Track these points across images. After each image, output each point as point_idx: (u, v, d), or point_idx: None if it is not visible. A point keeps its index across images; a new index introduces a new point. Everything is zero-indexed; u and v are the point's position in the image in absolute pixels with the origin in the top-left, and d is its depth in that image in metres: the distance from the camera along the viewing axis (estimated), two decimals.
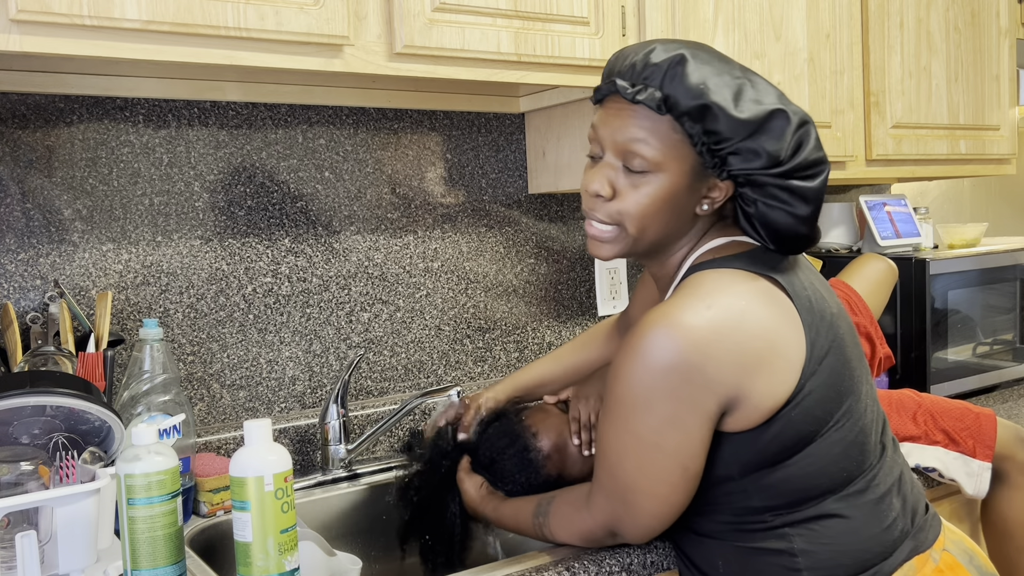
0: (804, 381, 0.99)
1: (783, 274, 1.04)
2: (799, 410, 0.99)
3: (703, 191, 1.05)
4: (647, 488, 1.01)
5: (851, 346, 1.07)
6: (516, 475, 1.28)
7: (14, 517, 1.04)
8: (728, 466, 1.02)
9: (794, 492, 1.02)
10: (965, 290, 2.07)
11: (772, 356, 0.97)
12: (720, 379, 0.96)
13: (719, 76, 1.00)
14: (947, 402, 1.58)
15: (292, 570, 0.98)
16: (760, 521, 1.04)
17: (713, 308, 0.96)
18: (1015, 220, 3.09)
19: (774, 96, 1.02)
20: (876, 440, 1.08)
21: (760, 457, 1.01)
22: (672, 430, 0.97)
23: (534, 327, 1.92)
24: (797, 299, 1.01)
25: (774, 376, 0.97)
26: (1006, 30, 2.21)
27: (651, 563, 1.18)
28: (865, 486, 1.05)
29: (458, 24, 1.36)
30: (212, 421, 1.56)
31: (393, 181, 1.73)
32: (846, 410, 1.03)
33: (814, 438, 1.01)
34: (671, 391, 0.96)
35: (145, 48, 1.13)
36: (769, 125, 0.99)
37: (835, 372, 1.02)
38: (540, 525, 1.17)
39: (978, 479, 1.51)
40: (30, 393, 1.07)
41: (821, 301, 1.05)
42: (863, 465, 1.05)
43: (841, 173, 1.93)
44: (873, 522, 1.04)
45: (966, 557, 1.10)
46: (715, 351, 0.95)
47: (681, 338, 0.95)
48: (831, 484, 1.03)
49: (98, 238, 1.46)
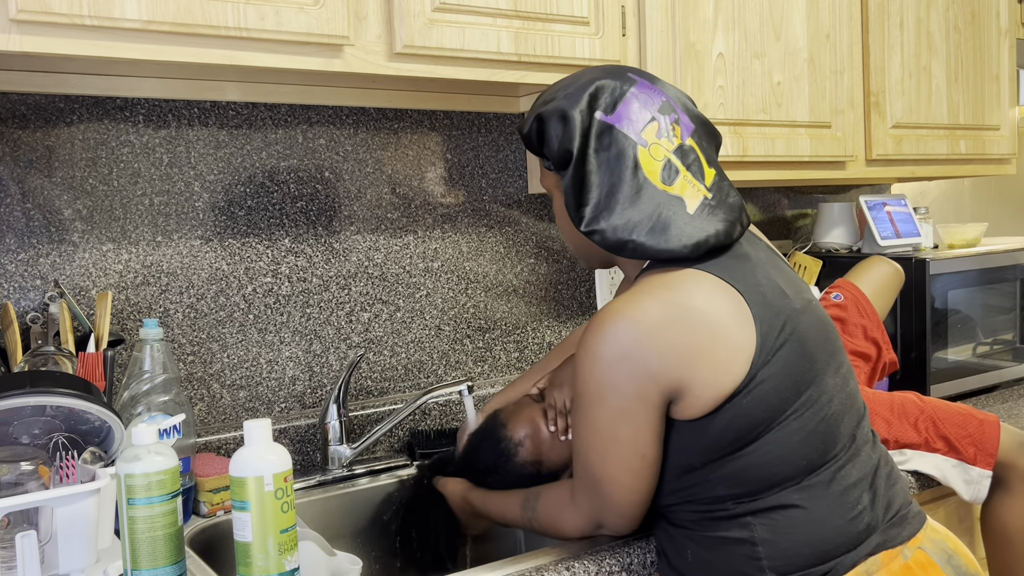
0: (755, 371, 1.02)
1: (734, 273, 1.08)
2: (751, 398, 1.02)
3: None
4: (614, 478, 1.07)
5: (816, 339, 1.10)
6: (494, 464, 1.34)
7: (14, 517, 1.04)
8: (688, 455, 1.06)
9: (754, 480, 1.05)
10: (965, 290, 2.07)
11: (714, 347, 1.02)
12: (661, 371, 1.01)
13: (539, 100, 1.17)
14: (950, 407, 1.55)
15: (292, 570, 0.98)
16: (723, 509, 1.07)
17: (657, 303, 1.03)
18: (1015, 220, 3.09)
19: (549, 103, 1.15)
20: (847, 432, 1.10)
21: (717, 444, 1.04)
22: (623, 421, 1.04)
23: (534, 327, 1.92)
24: (748, 295, 1.06)
25: (716, 367, 1.02)
26: (1006, 30, 2.21)
27: (651, 563, 1.18)
28: (830, 477, 1.07)
29: (458, 24, 1.36)
30: (212, 421, 1.56)
31: (393, 181, 1.73)
32: (805, 400, 1.06)
33: (771, 426, 1.04)
34: (618, 385, 1.02)
35: (145, 48, 1.14)
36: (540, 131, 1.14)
37: (791, 363, 1.05)
38: (530, 519, 1.22)
39: (976, 486, 1.49)
40: (30, 393, 1.07)
41: (780, 297, 1.09)
42: (826, 455, 1.07)
43: (841, 173, 1.93)
44: (836, 513, 1.06)
45: (943, 556, 1.10)
46: (655, 344, 1.01)
47: (625, 334, 1.02)
48: (792, 472, 1.05)
49: (98, 238, 1.46)
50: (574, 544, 1.19)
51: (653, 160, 1.09)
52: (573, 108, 1.10)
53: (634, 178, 1.08)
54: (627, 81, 1.13)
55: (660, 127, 1.11)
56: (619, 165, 1.08)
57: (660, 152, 1.10)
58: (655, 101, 1.13)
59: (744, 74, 1.71)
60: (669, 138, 1.11)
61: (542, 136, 1.13)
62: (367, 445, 1.56)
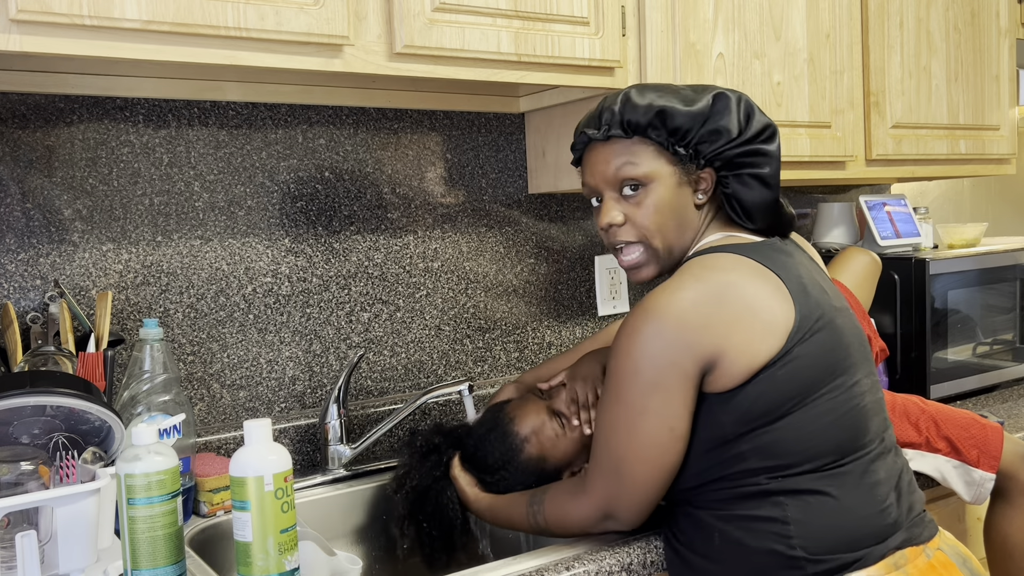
0: (791, 345, 1.06)
1: (776, 262, 1.12)
2: (785, 371, 1.05)
3: (692, 184, 1.18)
4: (638, 453, 1.08)
5: (851, 338, 1.14)
6: (499, 459, 1.33)
7: (14, 517, 1.04)
8: (721, 426, 1.08)
9: (787, 454, 1.07)
10: (965, 290, 2.07)
11: (750, 318, 1.06)
12: (697, 340, 1.05)
13: (661, 92, 1.18)
14: (953, 411, 1.54)
15: (292, 570, 0.98)
16: (755, 484, 1.08)
17: (696, 281, 1.07)
18: (1015, 220, 3.09)
19: (711, 90, 1.18)
20: (876, 431, 1.14)
21: (749, 415, 1.06)
22: (656, 392, 1.06)
23: (534, 327, 1.92)
24: (788, 282, 1.10)
25: (752, 335, 1.05)
26: (1006, 30, 2.21)
27: (651, 563, 1.18)
28: (862, 469, 1.10)
29: (458, 24, 1.36)
30: (212, 421, 1.56)
31: (393, 181, 1.73)
32: (839, 383, 1.09)
33: (803, 402, 1.07)
34: (653, 355, 1.05)
35: (145, 48, 1.14)
36: (716, 108, 1.16)
37: (828, 348, 1.09)
38: (535, 514, 1.21)
39: (979, 488, 1.48)
40: (30, 393, 1.07)
41: (818, 290, 1.13)
42: (856, 443, 1.10)
43: (841, 173, 1.93)
44: (867, 504, 1.08)
45: (960, 559, 1.13)
46: (692, 316, 1.05)
47: (664, 310, 1.06)
48: (823, 450, 1.08)
49: (98, 238, 1.46)
50: (574, 544, 1.19)
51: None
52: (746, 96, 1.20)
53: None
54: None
55: None
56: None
57: None
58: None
59: (744, 74, 1.71)
60: None
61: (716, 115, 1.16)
62: (367, 445, 1.56)
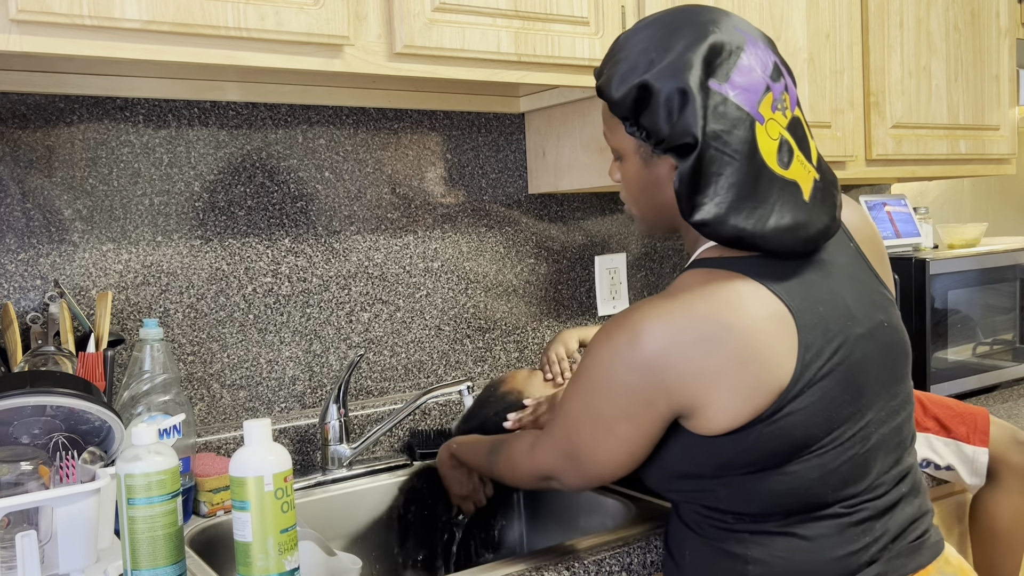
0: (782, 403, 0.95)
1: (794, 287, 0.99)
2: (773, 429, 0.96)
3: (661, 168, 1.03)
4: (596, 457, 1.04)
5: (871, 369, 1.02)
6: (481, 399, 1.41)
7: (14, 517, 1.04)
8: (698, 466, 1.01)
9: (761, 504, 1.00)
10: (965, 290, 2.07)
11: (741, 373, 0.94)
12: (676, 388, 0.96)
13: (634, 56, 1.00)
14: (940, 397, 1.61)
15: (292, 570, 0.98)
16: (722, 522, 1.04)
17: (693, 318, 0.95)
18: (1015, 220, 3.09)
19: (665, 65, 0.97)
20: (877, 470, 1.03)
21: (730, 465, 0.99)
22: (625, 421, 0.99)
23: (534, 327, 1.92)
24: (800, 316, 0.97)
25: (737, 394, 0.94)
26: (1006, 30, 2.21)
27: (651, 563, 1.18)
28: (841, 512, 1.01)
29: (458, 24, 1.36)
30: (212, 421, 1.56)
31: (393, 181, 1.73)
32: (834, 438, 0.99)
33: (789, 460, 0.98)
34: (630, 387, 0.97)
35: (145, 48, 1.13)
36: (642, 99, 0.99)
37: (829, 397, 0.98)
38: (491, 464, 1.24)
39: (974, 463, 1.50)
40: (30, 393, 1.07)
41: (841, 319, 1.00)
42: (840, 494, 1.00)
43: (841, 173, 1.93)
44: (838, 545, 1.00)
45: None
46: (679, 360, 0.95)
47: (651, 341, 0.95)
48: (800, 507, 1.00)
49: (98, 238, 1.46)
50: (574, 544, 1.19)
51: (769, 140, 0.97)
52: (690, 79, 0.95)
53: (751, 163, 0.96)
54: (736, 37, 0.99)
55: (774, 97, 0.98)
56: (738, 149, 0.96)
57: (776, 129, 0.98)
58: (767, 64, 0.99)
59: None
60: (783, 111, 0.98)
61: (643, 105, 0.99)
62: (367, 445, 1.56)
